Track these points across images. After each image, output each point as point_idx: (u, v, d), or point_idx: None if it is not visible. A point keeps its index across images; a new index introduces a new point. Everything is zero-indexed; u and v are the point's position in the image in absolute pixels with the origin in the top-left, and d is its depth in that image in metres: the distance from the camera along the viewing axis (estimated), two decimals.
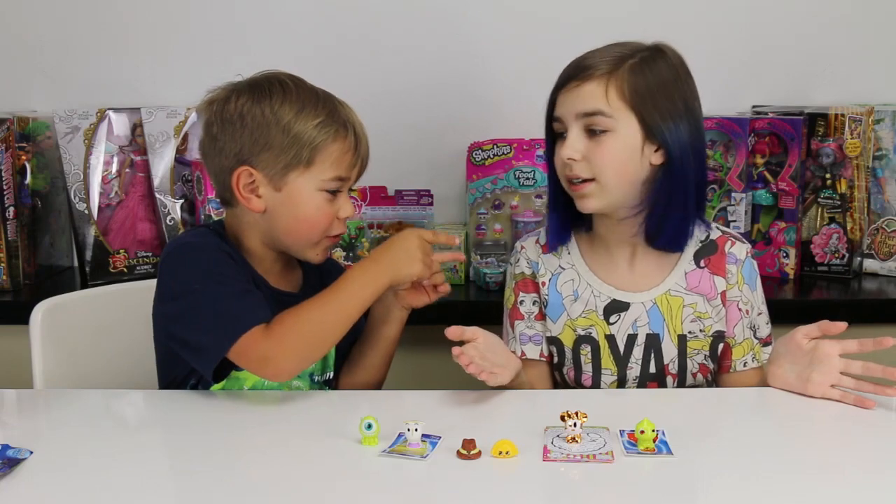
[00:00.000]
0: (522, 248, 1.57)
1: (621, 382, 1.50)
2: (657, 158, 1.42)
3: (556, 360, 1.54)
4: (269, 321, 1.32)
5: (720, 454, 1.19)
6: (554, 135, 1.47)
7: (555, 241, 1.53)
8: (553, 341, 1.53)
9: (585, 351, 1.51)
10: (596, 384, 1.50)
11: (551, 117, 1.46)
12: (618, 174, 1.41)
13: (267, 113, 1.37)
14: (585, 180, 1.42)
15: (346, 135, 1.40)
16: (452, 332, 1.32)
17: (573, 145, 1.41)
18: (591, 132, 1.41)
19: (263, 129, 1.37)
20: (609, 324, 1.50)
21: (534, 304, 1.55)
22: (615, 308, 1.50)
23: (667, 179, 1.42)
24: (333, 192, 1.40)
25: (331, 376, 1.53)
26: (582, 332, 1.51)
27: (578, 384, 1.52)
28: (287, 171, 1.37)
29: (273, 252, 1.45)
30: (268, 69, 1.43)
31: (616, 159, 1.41)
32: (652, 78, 1.40)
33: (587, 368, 1.51)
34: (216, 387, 1.39)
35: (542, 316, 1.54)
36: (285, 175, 1.38)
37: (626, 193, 1.43)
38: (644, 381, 1.50)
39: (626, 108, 1.40)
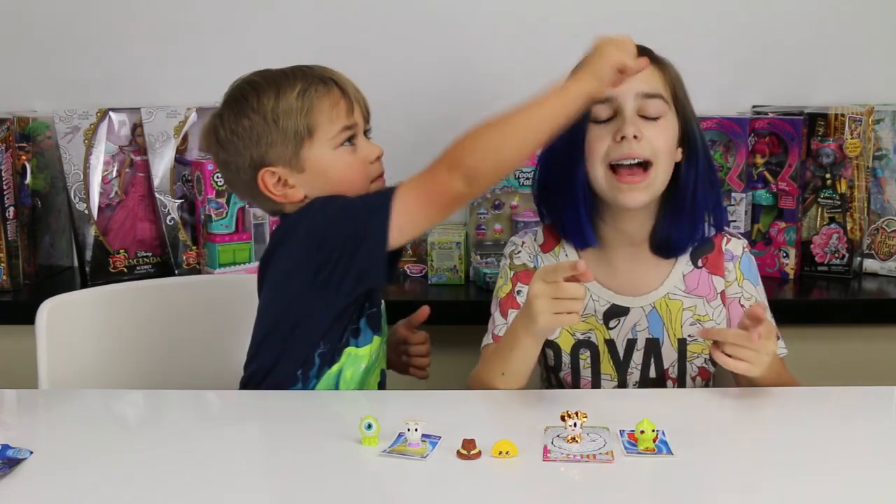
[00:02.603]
0: (523, 242, 1.55)
1: (621, 387, 1.49)
2: (677, 156, 1.43)
3: (552, 363, 1.53)
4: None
5: (720, 454, 1.19)
6: (582, 124, 1.39)
7: (587, 239, 1.46)
8: (549, 345, 1.50)
9: (584, 356, 1.50)
10: (595, 389, 1.50)
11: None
12: (668, 160, 1.41)
13: (252, 116, 1.38)
14: (640, 165, 1.38)
15: (327, 89, 1.40)
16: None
17: (635, 123, 1.38)
18: (643, 118, 1.38)
19: (258, 130, 1.38)
20: (608, 328, 1.49)
21: None
22: (615, 313, 1.49)
23: (681, 180, 1.43)
24: (350, 144, 1.41)
25: None
26: (581, 337, 1.50)
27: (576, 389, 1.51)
28: (298, 150, 1.38)
29: None
30: (238, 79, 1.43)
31: (670, 144, 1.41)
32: (678, 77, 1.42)
33: (586, 374, 1.49)
34: (334, 368, 1.38)
35: None
36: (298, 155, 1.38)
37: (661, 187, 1.42)
38: (644, 386, 1.49)
39: (671, 100, 1.41)
